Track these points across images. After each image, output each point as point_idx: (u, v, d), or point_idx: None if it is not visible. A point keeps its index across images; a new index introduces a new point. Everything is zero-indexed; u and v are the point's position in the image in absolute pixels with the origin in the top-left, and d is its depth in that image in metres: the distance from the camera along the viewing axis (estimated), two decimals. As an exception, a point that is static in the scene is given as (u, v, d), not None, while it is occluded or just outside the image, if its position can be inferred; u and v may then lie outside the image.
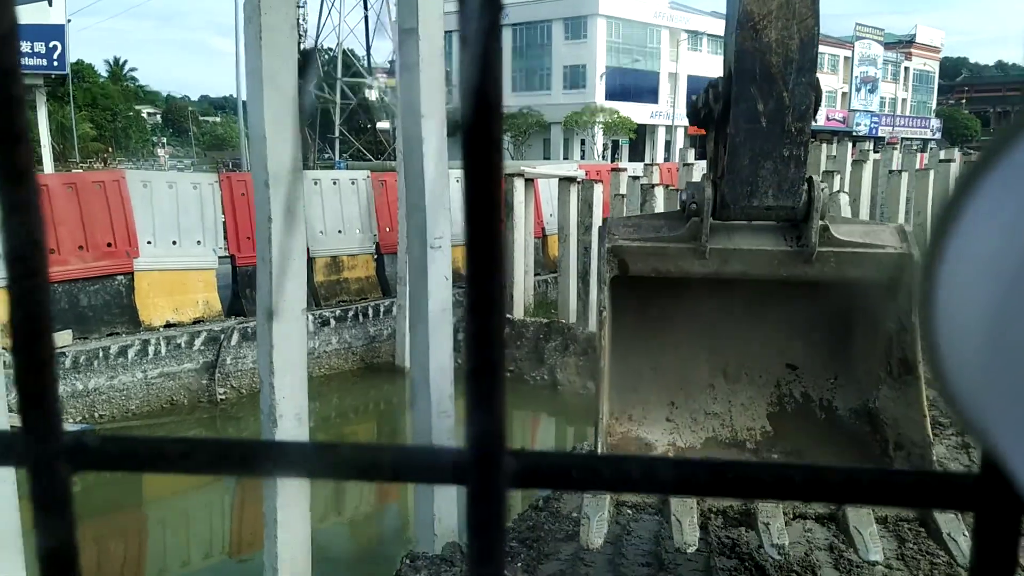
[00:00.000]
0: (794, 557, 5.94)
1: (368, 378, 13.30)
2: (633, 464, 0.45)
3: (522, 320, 13.42)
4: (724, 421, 5.48)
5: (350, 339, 13.44)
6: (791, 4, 4.54)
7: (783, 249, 4.77)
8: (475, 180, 0.41)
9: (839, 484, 0.44)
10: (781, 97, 4.60)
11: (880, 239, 4.81)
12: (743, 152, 4.67)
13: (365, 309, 13.54)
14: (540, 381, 12.34)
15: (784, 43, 4.56)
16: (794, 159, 4.63)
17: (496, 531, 0.43)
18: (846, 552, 5.88)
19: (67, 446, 0.45)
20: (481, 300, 0.42)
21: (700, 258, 4.78)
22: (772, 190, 4.68)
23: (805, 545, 6.21)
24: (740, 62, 4.62)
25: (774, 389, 5.46)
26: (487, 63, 0.40)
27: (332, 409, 12.56)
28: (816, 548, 6.21)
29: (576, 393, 11.93)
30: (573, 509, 6.86)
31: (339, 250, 13.79)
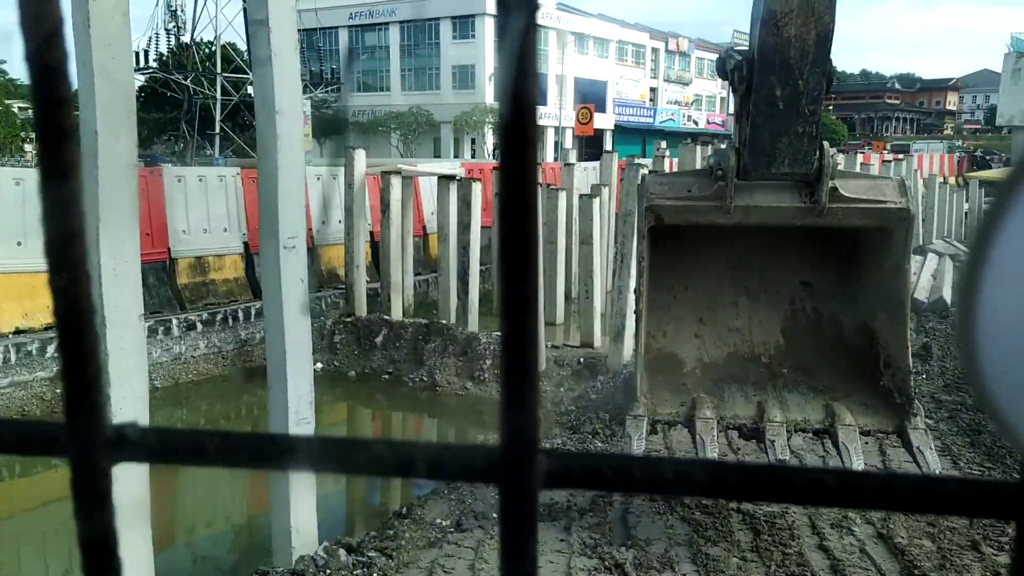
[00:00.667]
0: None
1: (241, 383, 12.83)
2: (666, 466, 0.45)
3: (400, 321, 13.23)
4: (744, 336, 6.28)
5: (219, 343, 12.92)
6: (811, 2, 5.09)
7: (797, 205, 5.55)
8: (510, 179, 0.41)
9: (876, 490, 0.43)
10: (797, 85, 5.30)
11: (883, 193, 5.62)
12: (763, 130, 5.43)
13: (235, 312, 13.06)
14: (419, 383, 12.17)
15: (802, 38, 5.18)
16: (807, 135, 5.38)
17: (528, 531, 0.44)
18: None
19: (108, 439, 0.45)
20: (515, 301, 0.42)
21: (726, 213, 5.57)
22: (788, 160, 5.46)
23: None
24: (762, 55, 5.25)
25: (788, 305, 6.29)
26: (523, 63, 0.40)
27: (201, 416, 12.05)
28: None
29: (455, 394, 11.83)
30: (437, 516, 6.74)
31: (204, 250, 13.25)
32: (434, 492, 7.33)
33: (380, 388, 12.31)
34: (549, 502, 6.95)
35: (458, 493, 7.15)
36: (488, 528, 6.46)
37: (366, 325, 13.08)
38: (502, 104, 0.40)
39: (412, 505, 7.03)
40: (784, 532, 6.40)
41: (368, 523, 7.69)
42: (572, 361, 12.26)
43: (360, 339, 12.95)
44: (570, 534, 6.36)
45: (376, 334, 12.87)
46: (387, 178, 13.21)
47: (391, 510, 7.20)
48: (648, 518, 6.69)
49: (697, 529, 6.48)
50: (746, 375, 6.21)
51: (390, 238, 13.55)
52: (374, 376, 12.56)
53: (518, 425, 0.43)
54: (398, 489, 9.13)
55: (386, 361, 12.69)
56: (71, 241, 0.43)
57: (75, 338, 0.44)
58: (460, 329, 12.55)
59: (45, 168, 0.42)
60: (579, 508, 6.82)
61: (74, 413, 0.45)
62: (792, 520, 6.56)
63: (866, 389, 5.95)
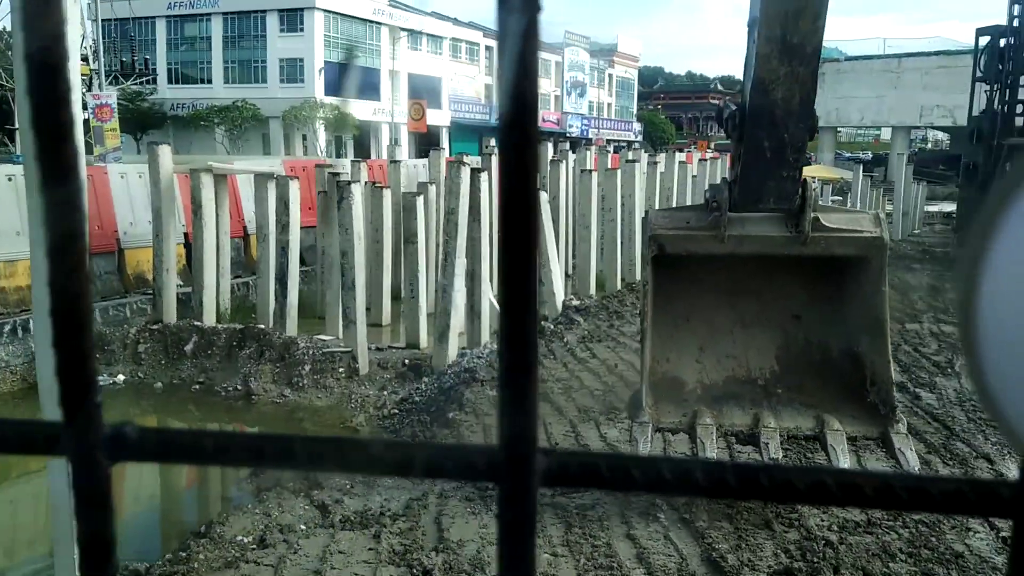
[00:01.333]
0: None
1: (31, 400, 11.76)
2: (665, 465, 0.46)
3: (213, 327, 12.56)
4: (741, 362, 6.83)
5: (7, 356, 11.79)
6: (795, 72, 5.76)
7: (784, 235, 6.22)
8: (511, 179, 0.41)
9: (875, 490, 0.44)
10: (782, 138, 6.00)
11: (860, 225, 6.31)
12: (752, 174, 6.19)
13: (26, 322, 11.94)
14: (233, 392, 11.59)
15: (788, 100, 5.85)
16: (791, 178, 6.12)
17: (528, 530, 0.44)
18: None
19: (107, 438, 0.45)
20: (515, 300, 0.42)
21: (720, 242, 6.21)
22: (773, 198, 6.19)
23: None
24: (752, 114, 5.99)
25: (782, 334, 6.82)
26: (525, 63, 0.40)
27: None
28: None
29: (272, 402, 11.35)
30: (239, 532, 6.37)
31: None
32: (237, 507, 6.94)
33: (190, 399, 11.63)
34: (362, 508, 6.74)
35: (264, 506, 6.80)
36: (293, 543, 6.16)
37: (175, 332, 12.32)
38: (503, 104, 0.41)
39: (212, 522, 6.61)
40: (594, 524, 6.47)
41: (168, 545, 7.19)
42: (396, 363, 12.06)
43: (168, 347, 12.19)
44: (379, 541, 6.16)
45: (186, 341, 12.16)
46: (197, 176, 12.49)
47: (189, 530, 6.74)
48: (462, 519, 6.60)
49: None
50: (743, 393, 6.72)
51: (203, 239, 12.83)
52: (183, 386, 11.86)
53: (517, 424, 0.43)
54: (217, 502, 8.64)
55: (197, 370, 12.02)
56: (71, 241, 0.43)
57: (73, 337, 0.44)
58: (278, 334, 12.07)
59: (45, 168, 0.43)
60: (391, 514, 6.64)
61: (73, 413, 0.45)
62: (602, 511, 6.65)
63: (853, 404, 6.46)
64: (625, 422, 8.84)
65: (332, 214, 12.72)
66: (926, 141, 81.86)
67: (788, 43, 5.69)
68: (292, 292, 12.69)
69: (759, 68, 5.81)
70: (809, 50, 5.75)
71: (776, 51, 5.72)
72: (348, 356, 11.74)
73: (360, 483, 7.15)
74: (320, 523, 6.53)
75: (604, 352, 11.44)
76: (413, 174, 18.29)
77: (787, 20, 5.64)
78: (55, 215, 0.43)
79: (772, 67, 5.78)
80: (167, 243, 12.93)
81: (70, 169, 0.43)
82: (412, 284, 13.02)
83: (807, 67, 5.79)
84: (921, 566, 5.68)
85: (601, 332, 12.67)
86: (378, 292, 14.55)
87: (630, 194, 17.57)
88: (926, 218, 33.39)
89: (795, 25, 5.64)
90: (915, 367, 10.84)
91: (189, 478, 9.86)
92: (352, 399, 11.17)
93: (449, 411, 9.17)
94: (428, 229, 13.96)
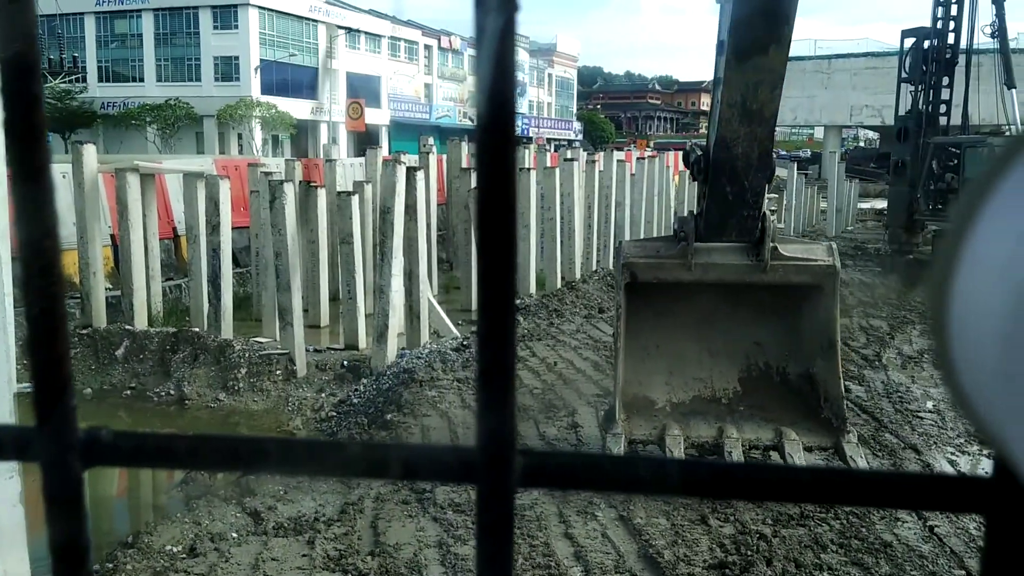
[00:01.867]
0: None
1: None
2: (641, 465, 0.46)
3: (145, 331, 12.23)
4: (706, 383, 7.46)
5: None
6: (753, 132, 6.42)
7: (745, 263, 6.90)
8: (489, 179, 0.42)
9: (846, 485, 0.44)
10: (743, 186, 6.67)
11: (815, 254, 7.01)
12: (715, 213, 6.91)
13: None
14: (166, 397, 11.29)
15: (747, 155, 6.52)
16: (750, 216, 6.81)
17: (505, 530, 0.44)
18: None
19: (80, 442, 0.45)
20: (492, 300, 0.42)
21: (687, 270, 6.89)
22: (735, 232, 6.89)
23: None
24: (715, 163, 6.67)
25: (744, 360, 7.46)
26: (502, 63, 0.40)
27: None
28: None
29: (207, 407, 11.09)
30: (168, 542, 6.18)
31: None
32: (166, 516, 6.75)
33: (121, 405, 11.30)
34: (296, 514, 6.61)
35: (194, 515, 6.62)
36: (224, 551, 6.01)
37: (105, 337, 11.96)
38: (480, 104, 0.41)
39: (140, 532, 6.41)
40: (532, 523, 6.45)
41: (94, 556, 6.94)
42: (335, 364, 11.89)
43: (98, 352, 11.82)
44: (313, 547, 6.05)
45: (116, 346, 11.81)
46: (123, 176, 12.12)
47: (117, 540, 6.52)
48: (399, 522, 6.52)
49: (448, 529, 6.39)
50: (708, 410, 7.38)
51: (130, 241, 12.46)
52: (114, 392, 11.52)
53: (494, 425, 0.43)
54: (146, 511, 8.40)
55: (129, 375, 11.69)
56: (44, 242, 0.43)
57: (47, 340, 0.44)
58: (212, 337, 11.79)
59: (17, 169, 0.43)
60: (326, 519, 6.52)
61: (46, 417, 0.44)
62: (541, 511, 6.63)
63: (809, 418, 7.17)
64: (564, 420, 8.87)
65: (265, 214, 12.48)
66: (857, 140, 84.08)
67: (748, 109, 6.27)
68: (226, 294, 12.41)
69: (721, 128, 6.46)
70: (767, 114, 6.35)
71: (737, 115, 6.33)
72: (285, 358, 11.53)
73: (294, 488, 7.02)
74: (252, 530, 6.39)
75: (544, 351, 11.45)
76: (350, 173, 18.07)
77: (748, 90, 6.21)
78: (27, 215, 0.43)
79: (733, 128, 6.39)
80: (92, 245, 12.53)
81: (42, 169, 0.43)
82: (349, 284, 12.85)
83: (765, 127, 6.43)
84: (851, 556, 5.80)
85: (541, 331, 12.68)
86: (315, 293, 14.33)
87: (569, 192, 17.63)
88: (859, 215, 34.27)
89: (754, 94, 6.21)
90: (844, 361, 11.08)
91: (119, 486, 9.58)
92: (289, 402, 10.97)
93: (387, 412, 9.07)
94: (364, 229, 13.79)
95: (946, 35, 19.50)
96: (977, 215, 0.38)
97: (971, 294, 0.39)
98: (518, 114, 15.95)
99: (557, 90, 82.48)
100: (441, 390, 9.50)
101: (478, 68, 0.40)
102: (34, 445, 0.45)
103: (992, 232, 0.38)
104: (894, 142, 21.14)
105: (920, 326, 13.83)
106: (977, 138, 19.42)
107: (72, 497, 0.45)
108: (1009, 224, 0.37)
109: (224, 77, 48.31)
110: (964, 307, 0.39)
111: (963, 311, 0.39)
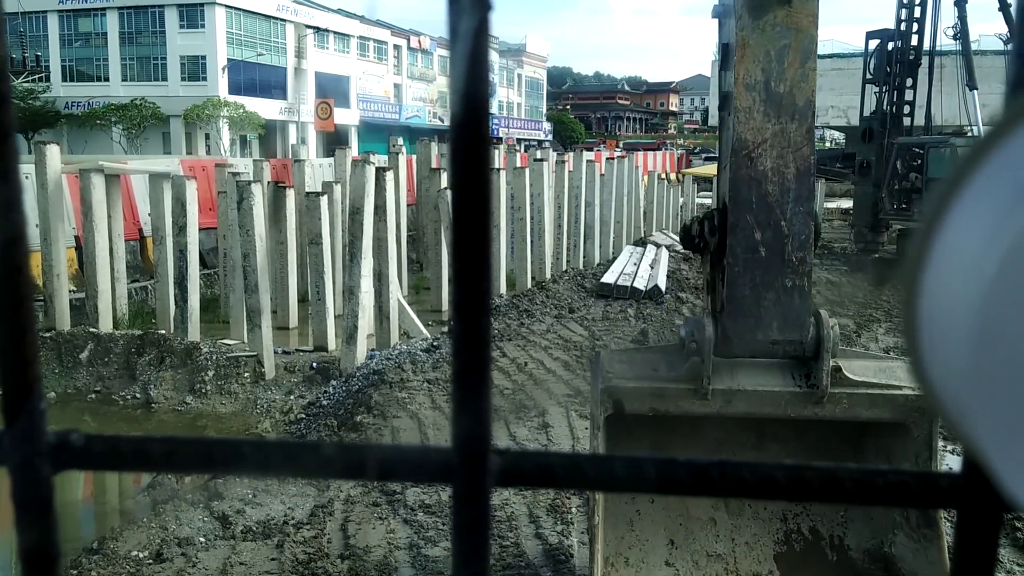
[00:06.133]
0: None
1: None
2: (618, 463, 0.46)
3: (110, 334, 12.06)
4: (728, 565, 4.95)
5: None
6: (786, 132, 4.41)
7: (791, 390, 4.43)
8: (463, 178, 0.42)
9: (822, 483, 0.45)
10: (779, 226, 4.43)
11: (895, 377, 4.50)
12: (743, 283, 4.45)
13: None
14: (131, 400, 11.15)
15: (780, 171, 4.41)
16: (797, 290, 4.41)
17: (481, 531, 0.44)
18: None
19: (50, 445, 0.45)
20: (467, 300, 0.42)
21: (702, 399, 4.41)
22: (777, 322, 4.44)
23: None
24: (735, 190, 4.45)
25: (780, 524, 5.02)
26: (476, 62, 0.40)
27: None
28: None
29: (173, 410, 10.97)
30: (134, 547, 6.10)
31: None
32: (132, 522, 6.67)
33: (86, 409, 11.13)
34: (264, 518, 6.56)
35: (161, 519, 6.55)
36: (191, 556, 5.95)
37: (69, 340, 11.78)
38: (454, 104, 0.41)
39: (105, 538, 6.33)
40: (503, 524, 6.45)
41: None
42: (304, 366, 11.81)
43: (62, 356, 11.64)
44: (282, 551, 6.01)
45: (81, 349, 11.63)
46: (87, 176, 11.93)
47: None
48: (369, 524, 6.50)
49: (419, 531, 6.38)
50: None
51: (95, 242, 12.28)
52: (79, 396, 11.36)
53: (470, 425, 0.43)
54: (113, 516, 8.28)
55: (93, 379, 11.52)
56: (12, 244, 0.43)
57: (15, 342, 0.44)
58: (179, 339, 11.66)
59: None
60: (296, 522, 6.48)
61: (13, 418, 0.44)
62: (511, 511, 6.64)
63: None
64: (535, 420, 8.88)
65: (232, 215, 12.36)
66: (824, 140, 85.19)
67: (773, 92, 4.50)
68: (193, 296, 12.28)
69: (739, 126, 4.46)
70: (800, 101, 4.53)
71: (759, 101, 4.49)
72: (253, 360, 11.43)
73: (263, 492, 6.96)
74: (220, 535, 6.33)
75: (514, 351, 11.46)
76: (319, 173, 17.96)
77: (770, 62, 4.49)
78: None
79: (756, 124, 4.47)
80: (56, 247, 12.34)
81: (9, 169, 0.42)
82: (318, 286, 12.77)
83: (801, 124, 4.48)
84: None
85: (511, 331, 12.68)
86: (284, 294, 14.23)
87: (539, 192, 17.67)
88: (825, 214, 34.69)
89: (780, 69, 4.50)
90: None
91: (85, 491, 9.44)
92: (258, 404, 10.88)
93: (357, 414, 9.03)
94: (334, 229, 13.71)
95: (910, 37, 19.81)
96: (946, 212, 0.39)
97: (941, 291, 0.39)
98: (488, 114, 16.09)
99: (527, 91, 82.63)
100: (411, 391, 9.47)
101: (452, 68, 0.40)
102: (3, 447, 0.44)
103: (962, 229, 0.38)
104: (859, 142, 21.43)
105: (886, 324, 14.04)
106: (940, 138, 19.75)
107: (41, 502, 0.45)
108: (979, 221, 0.37)
109: (191, 77, 47.78)
110: (934, 304, 0.39)
111: (933, 308, 0.39)
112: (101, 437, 0.46)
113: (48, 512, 0.45)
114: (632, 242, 22.21)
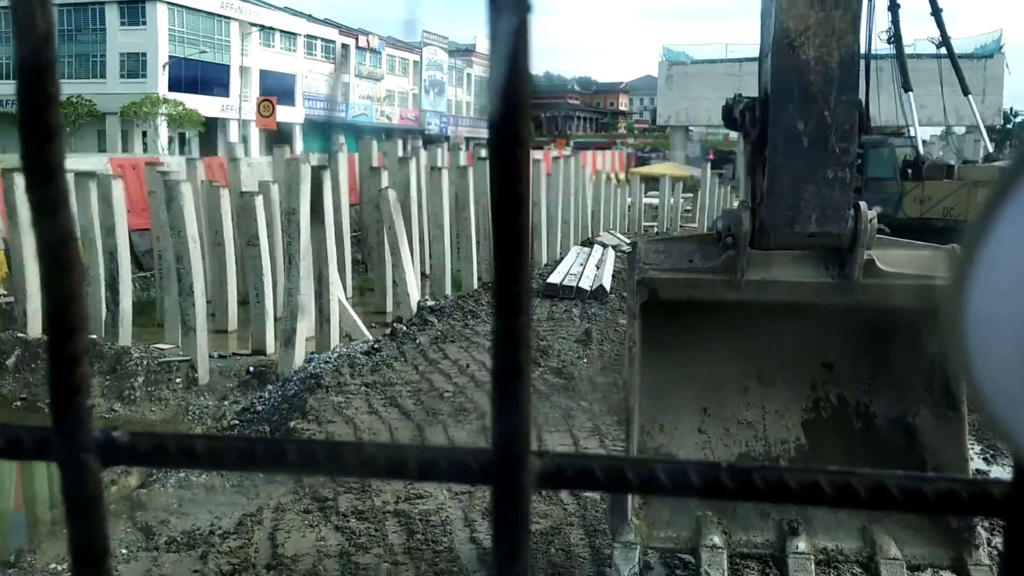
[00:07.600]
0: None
1: None
2: (659, 467, 0.46)
3: (38, 339, 11.64)
4: (757, 432, 5.14)
5: None
6: (830, 20, 4.29)
7: (824, 281, 4.52)
8: (503, 178, 0.41)
9: (870, 491, 0.44)
10: (822, 116, 4.33)
11: (931, 267, 4.48)
12: (783, 174, 4.39)
13: None
14: (59, 408, 10.78)
15: (823, 60, 4.31)
16: (839, 181, 4.35)
17: (521, 531, 0.44)
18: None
19: (97, 442, 0.45)
20: (508, 301, 0.42)
21: (736, 289, 4.52)
22: (816, 215, 4.39)
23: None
24: (777, 81, 4.37)
25: (810, 392, 5.15)
26: (517, 62, 0.40)
27: None
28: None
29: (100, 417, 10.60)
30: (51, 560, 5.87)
31: None
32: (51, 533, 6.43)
33: (11, 417, 10.73)
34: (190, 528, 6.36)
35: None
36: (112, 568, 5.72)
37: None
38: (493, 103, 0.41)
39: (22, 550, 6.09)
40: (437, 529, 6.35)
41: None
42: (240, 371, 11.55)
43: (-14, 362, 11.22)
44: (206, 562, 5.82)
45: (8, 355, 11.23)
46: (10, 177, 11.51)
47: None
48: (299, 533, 6.34)
49: (351, 538, 6.24)
50: None
51: (22, 245, 11.86)
52: (4, 403, 11.00)
53: (510, 426, 0.43)
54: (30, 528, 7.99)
55: (20, 385, 11.14)
56: (63, 244, 0.43)
57: (64, 341, 0.44)
58: (109, 344, 11.32)
59: (31, 170, 0.42)
60: (222, 531, 6.29)
61: (62, 417, 0.45)
62: (446, 515, 6.54)
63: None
64: (475, 423, 8.77)
65: (164, 216, 12.04)
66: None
67: None
68: (125, 299, 11.93)
69: (781, 14, 4.34)
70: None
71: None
72: (187, 365, 11.14)
73: (189, 501, 6.76)
74: (143, 546, 6.12)
75: (456, 352, 11.34)
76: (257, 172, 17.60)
77: None
78: (44, 217, 0.42)
79: (798, 12, 4.35)
80: (-19, 250, 11.90)
81: (56, 169, 0.42)
82: (257, 288, 12.52)
83: (846, 12, 4.32)
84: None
85: (455, 332, 12.56)
86: (223, 297, 13.90)
87: (484, 192, 17.57)
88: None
89: None
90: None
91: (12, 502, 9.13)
92: (189, 411, 10.61)
93: (291, 420, 8.84)
94: (272, 230, 13.45)
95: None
96: (995, 219, 0.38)
97: (990, 295, 0.38)
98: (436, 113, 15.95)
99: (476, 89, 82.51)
100: (348, 395, 9.30)
101: (491, 68, 0.40)
102: (51, 445, 0.45)
103: (1009, 233, 0.38)
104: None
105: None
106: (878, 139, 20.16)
107: (90, 497, 0.46)
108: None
109: (130, 74, 46.74)
110: (983, 308, 0.39)
111: (982, 312, 0.39)
112: (146, 435, 0.47)
113: (97, 507, 0.46)
114: (580, 242, 22.24)
